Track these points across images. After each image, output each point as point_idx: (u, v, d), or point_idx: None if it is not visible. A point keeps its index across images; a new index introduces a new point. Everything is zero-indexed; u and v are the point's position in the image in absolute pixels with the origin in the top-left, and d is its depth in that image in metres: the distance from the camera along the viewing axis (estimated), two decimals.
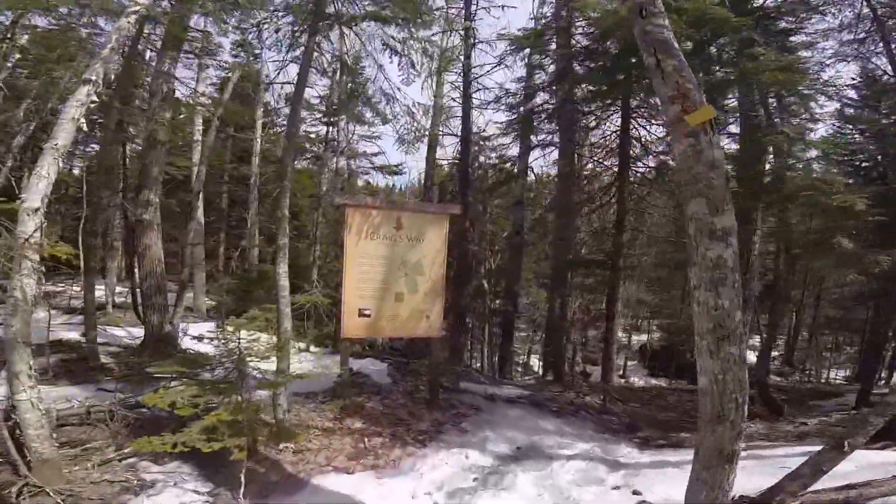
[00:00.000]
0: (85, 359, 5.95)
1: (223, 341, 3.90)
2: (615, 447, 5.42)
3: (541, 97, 10.18)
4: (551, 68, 10.25)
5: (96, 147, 10.64)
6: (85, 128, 3.85)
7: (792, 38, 8.69)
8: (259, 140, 11.38)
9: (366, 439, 4.99)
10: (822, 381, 16.57)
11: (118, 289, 11.16)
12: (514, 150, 10.78)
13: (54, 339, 6.66)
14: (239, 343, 3.92)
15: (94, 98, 3.86)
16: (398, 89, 7.59)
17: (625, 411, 7.10)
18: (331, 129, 10.54)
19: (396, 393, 6.24)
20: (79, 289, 10.39)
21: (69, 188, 12.10)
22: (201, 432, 3.58)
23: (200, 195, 9.62)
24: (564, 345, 8.02)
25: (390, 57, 6.15)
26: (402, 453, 4.82)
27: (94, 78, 3.81)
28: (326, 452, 4.69)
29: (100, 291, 10.75)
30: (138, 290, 6.74)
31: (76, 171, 12.42)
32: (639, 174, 11.10)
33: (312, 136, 12.96)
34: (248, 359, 3.96)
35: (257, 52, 9.63)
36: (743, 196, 8.24)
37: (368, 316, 5.49)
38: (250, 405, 3.95)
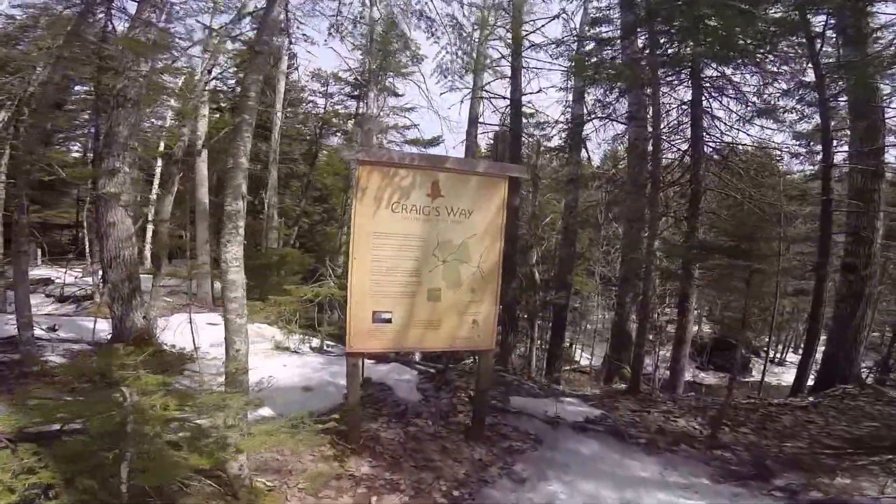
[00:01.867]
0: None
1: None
2: None
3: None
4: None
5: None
6: None
7: None
8: (280, 113, 9.66)
9: (373, 499, 3.05)
10: None
11: None
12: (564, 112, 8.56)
13: (8, 336, 5.05)
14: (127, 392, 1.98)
15: None
16: None
17: (736, 441, 4.89)
18: (360, 102, 8.75)
19: (427, 414, 4.30)
20: (80, 273, 9.11)
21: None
22: None
23: (204, 167, 8.01)
24: (642, 351, 5.85)
25: None
26: None
27: None
28: None
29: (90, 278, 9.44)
30: (106, 277, 4.94)
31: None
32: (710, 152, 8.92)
33: (341, 111, 11.18)
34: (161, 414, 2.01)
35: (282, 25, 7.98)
36: None
37: (388, 321, 3.57)
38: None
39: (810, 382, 8.15)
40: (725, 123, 8.52)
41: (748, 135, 8.45)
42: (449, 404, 4.51)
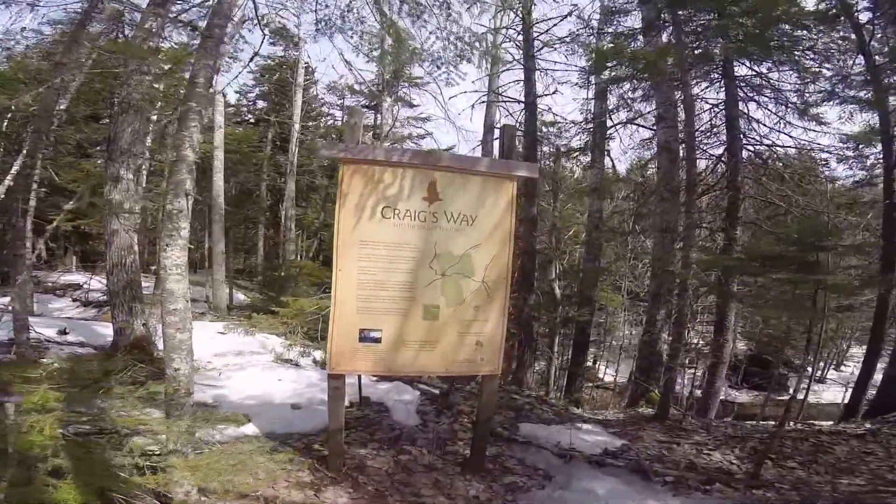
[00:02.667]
0: None
1: None
2: None
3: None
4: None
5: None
6: None
7: None
8: (297, 125, 9.45)
9: None
10: None
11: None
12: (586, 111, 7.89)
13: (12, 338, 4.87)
14: None
15: None
16: None
17: (782, 477, 4.12)
18: (377, 115, 8.47)
19: (423, 441, 3.77)
20: (103, 280, 9.12)
21: None
22: None
23: (220, 178, 7.84)
24: (674, 374, 5.13)
25: None
26: None
27: None
28: None
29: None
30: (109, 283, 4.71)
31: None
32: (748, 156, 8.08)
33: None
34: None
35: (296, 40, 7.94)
36: None
37: (378, 340, 3.05)
38: None
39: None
40: (765, 125, 7.71)
41: (791, 136, 7.55)
42: (449, 430, 3.97)
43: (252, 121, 14.58)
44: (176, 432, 2.31)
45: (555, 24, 7.05)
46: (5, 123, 6.55)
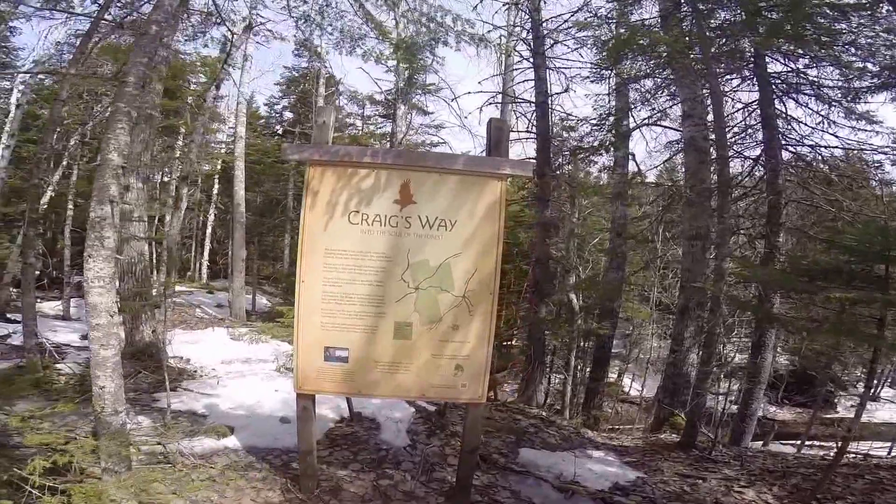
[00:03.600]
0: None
1: None
2: None
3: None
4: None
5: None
6: None
7: None
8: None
9: None
10: None
11: None
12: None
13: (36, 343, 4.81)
14: None
15: None
16: None
17: None
18: (393, 123, 8.18)
19: (408, 465, 3.31)
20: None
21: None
22: None
23: (241, 188, 7.75)
24: (703, 400, 4.40)
25: None
26: None
27: None
28: None
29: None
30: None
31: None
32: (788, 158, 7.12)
33: (377, 132, 10.72)
34: None
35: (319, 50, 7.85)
36: None
37: (345, 360, 2.64)
38: None
39: None
40: (806, 125, 6.77)
41: (836, 136, 6.57)
42: (439, 454, 3.48)
43: (280, 132, 14.87)
44: (105, 451, 1.99)
45: (565, 21, 6.48)
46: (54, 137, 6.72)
